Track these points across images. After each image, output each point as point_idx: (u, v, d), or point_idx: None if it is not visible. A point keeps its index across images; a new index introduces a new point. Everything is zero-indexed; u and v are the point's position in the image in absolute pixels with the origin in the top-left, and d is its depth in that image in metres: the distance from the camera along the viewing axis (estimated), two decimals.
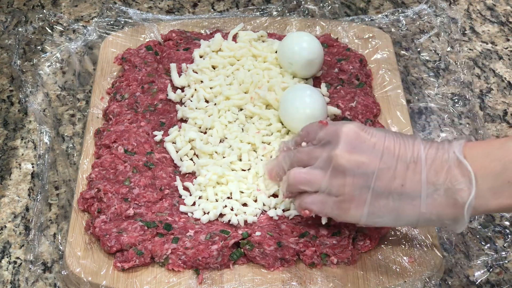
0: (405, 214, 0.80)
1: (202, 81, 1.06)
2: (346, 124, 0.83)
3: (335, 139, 0.82)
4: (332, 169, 0.81)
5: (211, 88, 1.05)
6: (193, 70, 1.07)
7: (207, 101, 1.04)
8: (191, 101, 1.04)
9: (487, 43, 1.19)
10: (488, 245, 0.92)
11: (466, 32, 1.21)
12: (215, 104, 1.03)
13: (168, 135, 1.00)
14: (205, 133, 1.00)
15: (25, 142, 1.06)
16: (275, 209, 0.92)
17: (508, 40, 1.19)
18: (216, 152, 0.97)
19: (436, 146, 0.80)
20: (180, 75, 1.08)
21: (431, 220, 0.80)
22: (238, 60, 1.09)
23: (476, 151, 0.78)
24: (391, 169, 0.79)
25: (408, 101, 1.08)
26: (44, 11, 1.25)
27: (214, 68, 1.08)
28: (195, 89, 1.05)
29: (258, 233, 0.87)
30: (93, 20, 1.22)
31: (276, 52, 1.08)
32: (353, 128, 0.82)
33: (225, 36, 1.13)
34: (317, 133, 0.85)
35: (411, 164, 0.79)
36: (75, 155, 1.03)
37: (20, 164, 1.03)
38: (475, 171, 0.76)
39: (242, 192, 0.93)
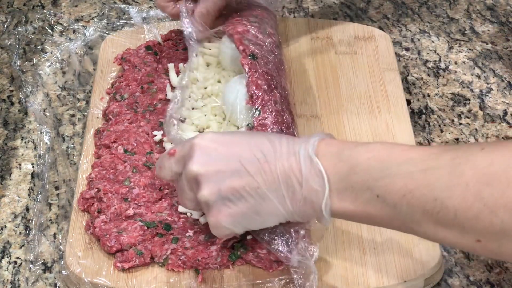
0: (268, 215, 0.77)
1: (198, 80, 1.06)
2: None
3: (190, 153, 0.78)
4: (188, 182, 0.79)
5: (205, 88, 1.04)
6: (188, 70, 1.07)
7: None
8: (189, 101, 1.04)
9: (487, 43, 1.19)
10: None
11: (466, 32, 1.21)
12: (208, 102, 1.03)
13: None
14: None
15: (25, 142, 1.06)
16: None
17: (508, 40, 1.19)
18: None
19: (293, 143, 0.75)
20: (178, 75, 1.08)
21: (299, 218, 0.76)
22: None
23: (331, 149, 0.73)
24: (241, 171, 0.75)
25: (408, 101, 1.08)
26: (44, 11, 1.25)
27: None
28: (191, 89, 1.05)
29: (249, 237, 0.87)
30: (93, 20, 1.22)
31: None
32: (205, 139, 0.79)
33: None
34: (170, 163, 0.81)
35: (265, 163, 0.74)
36: (75, 155, 1.03)
37: (20, 164, 1.03)
38: (325, 170, 0.71)
39: None
